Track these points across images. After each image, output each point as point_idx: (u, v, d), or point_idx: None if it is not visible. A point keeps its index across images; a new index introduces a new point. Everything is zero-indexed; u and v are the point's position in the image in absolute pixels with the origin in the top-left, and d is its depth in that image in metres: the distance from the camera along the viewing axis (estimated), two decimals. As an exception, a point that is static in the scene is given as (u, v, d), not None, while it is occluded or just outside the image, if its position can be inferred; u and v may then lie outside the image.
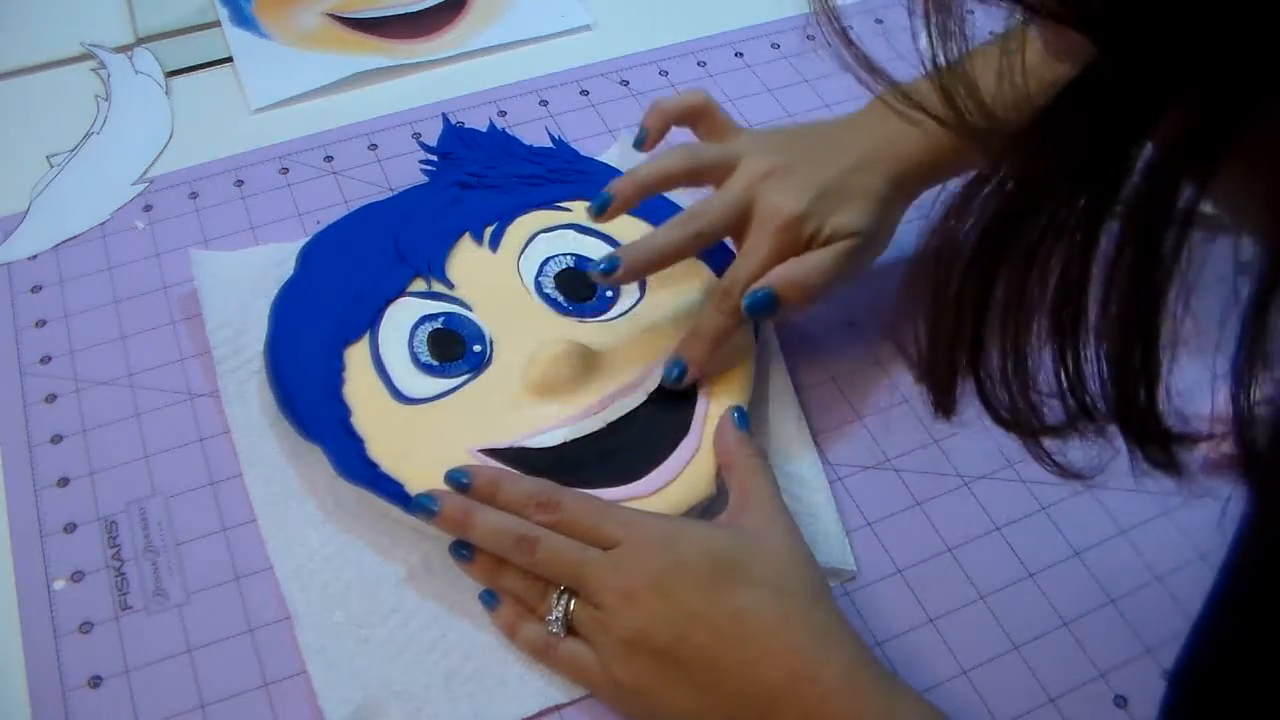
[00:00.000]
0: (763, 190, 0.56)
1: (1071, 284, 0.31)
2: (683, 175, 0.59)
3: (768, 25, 0.83)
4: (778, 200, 0.55)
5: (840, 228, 0.56)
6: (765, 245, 0.55)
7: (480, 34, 0.80)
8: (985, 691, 0.51)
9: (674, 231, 0.56)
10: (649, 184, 0.58)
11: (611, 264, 0.55)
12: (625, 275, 0.56)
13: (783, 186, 0.56)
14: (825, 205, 0.56)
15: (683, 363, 0.56)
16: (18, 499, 0.56)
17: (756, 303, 0.54)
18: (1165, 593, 0.55)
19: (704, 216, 0.56)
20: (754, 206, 0.56)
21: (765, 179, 0.56)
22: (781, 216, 0.55)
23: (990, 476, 0.59)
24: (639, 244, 0.57)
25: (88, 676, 0.50)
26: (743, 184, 0.56)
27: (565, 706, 0.50)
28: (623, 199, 0.57)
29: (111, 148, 0.72)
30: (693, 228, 0.56)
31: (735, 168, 0.57)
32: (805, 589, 0.48)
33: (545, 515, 0.51)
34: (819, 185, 0.56)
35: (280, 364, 0.58)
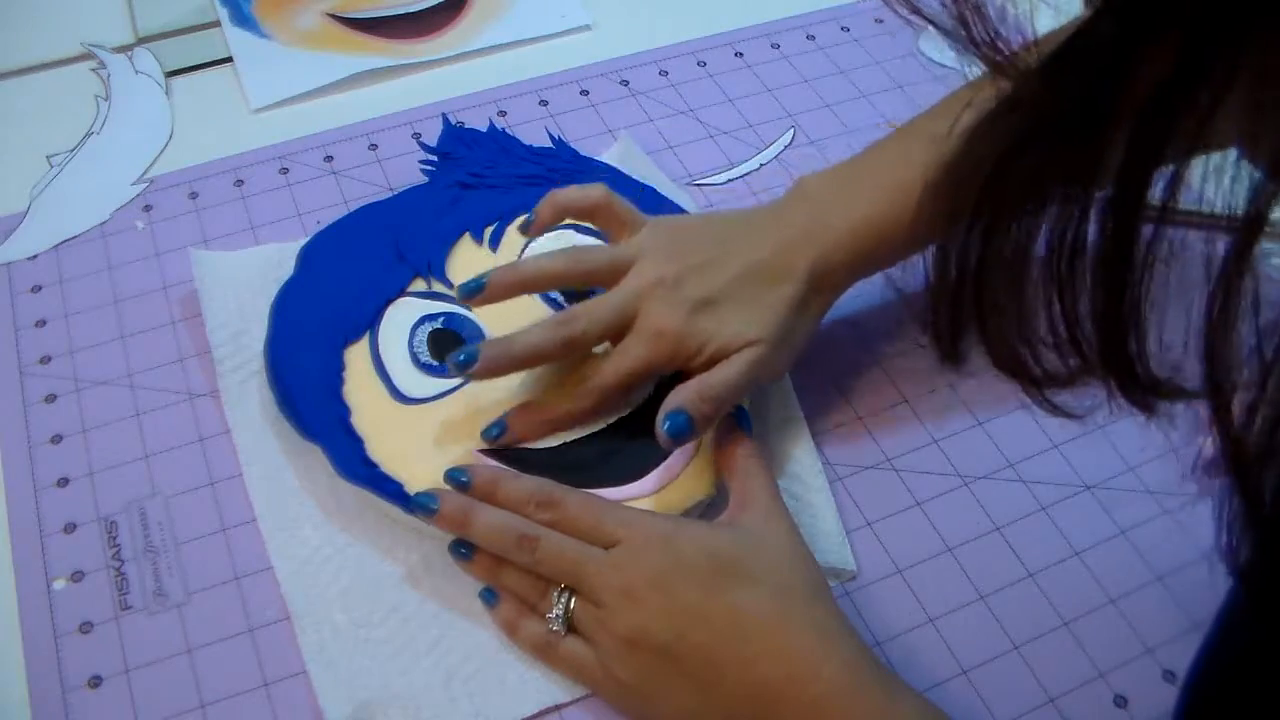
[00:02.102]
0: (647, 300, 0.53)
1: (1072, 227, 0.31)
2: (567, 278, 0.56)
3: (768, 25, 0.83)
4: (658, 313, 0.53)
5: (733, 338, 0.53)
6: (637, 353, 0.53)
7: (480, 34, 0.80)
8: (985, 691, 0.52)
9: (545, 333, 0.54)
10: (528, 283, 0.56)
11: (469, 357, 0.53)
12: (481, 372, 0.53)
13: (667, 299, 0.53)
14: (710, 321, 0.53)
15: (504, 426, 0.55)
16: (18, 499, 0.56)
17: (677, 427, 0.51)
18: (1165, 593, 0.55)
19: (580, 322, 0.54)
20: (636, 316, 0.54)
21: (652, 289, 0.54)
22: (656, 329, 0.53)
23: (990, 476, 0.59)
24: (503, 342, 0.54)
25: (88, 676, 0.50)
26: (626, 293, 0.54)
27: (565, 706, 0.50)
28: (496, 291, 0.55)
29: (111, 148, 0.72)
30: (565, 333, 0.54)
31: (626, 271, 0.55)
32: (805, 588, 0.48)
33: (545, 514, 0.51)
34: (706, 297, 0.54)
35: (280, 364, 0.58)
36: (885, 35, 0.82)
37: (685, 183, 0.71)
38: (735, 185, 0.72)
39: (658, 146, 0.73)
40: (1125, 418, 0.36)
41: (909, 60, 0.81)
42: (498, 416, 0.55)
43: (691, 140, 0.74)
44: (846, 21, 0.83)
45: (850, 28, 0.83)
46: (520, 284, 0.56)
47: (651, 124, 0.75)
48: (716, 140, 0.74)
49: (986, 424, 0.61)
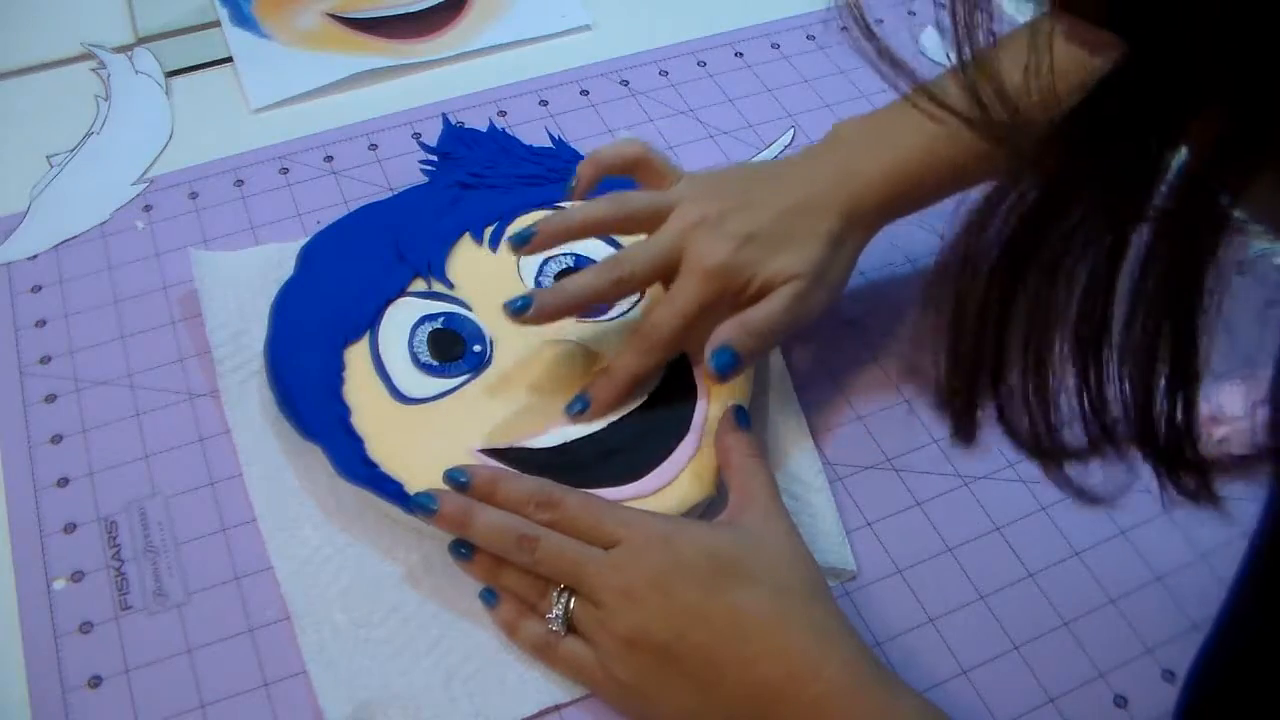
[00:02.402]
0: (692, 239, 0.55)
1: (1097, 295, 0.30)
2: (613, 223, 0.57)
3: (768, 25, 0.83)
4: (704, 249, 0.54)
5: (777, 273, 0.54)
6: (690, 291, 0.54)
7: (480, 34, 0.80)
8: (985, 691, 0.52)
9: (595, 277, 0.55)
10: (575, 230, 0.57)
11: (524, 303, 0.54)
12: (538, 317, 0.54)
13: (711, 235, 0.54)
14: (757, 252, 0.54)
15: (586, 400, 0.56)
16: (18, 499, 0.56)
17: (723, 364, 0.52)
18: (1165, 593, 0.55)
19: (628, 264, 0.55)
20: (683, 255, 0.55)
21: (695, 228, 0.55)
22: (707, 265, 0.54)
23: (990, 476, 0.59)
24: (559, 289, 0.55)
25: (88, 676, 0.50)
26: (672, 233, 0.55)
27: (565, 706, 0.50)
28: (545, 240, 0.56)
29: (111, 148, 0.72)
30: (615, 274, 0.55)
31: (667, 216, 0.56)
32: (805, 588, 0.48)
33: (545, 514, 0.51)
34: (750, 232, 0.54)
35: (280, 364, 0.58)
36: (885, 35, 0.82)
37: (685, 183, 0.71)
38: (735, 185, 0.71)
39: (658, 146, 0.73)
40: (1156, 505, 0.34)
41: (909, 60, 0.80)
42: (578, 393, 0.56)
43: (691, 140, 0.74)
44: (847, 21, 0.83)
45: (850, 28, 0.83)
46: (568, 231, 0.57)
47: (651, 124, 0.75)
48: (716, 140, 0.74)
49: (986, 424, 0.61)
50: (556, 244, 0.57)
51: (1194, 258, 0.28)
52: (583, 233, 0.57)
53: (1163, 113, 0.27)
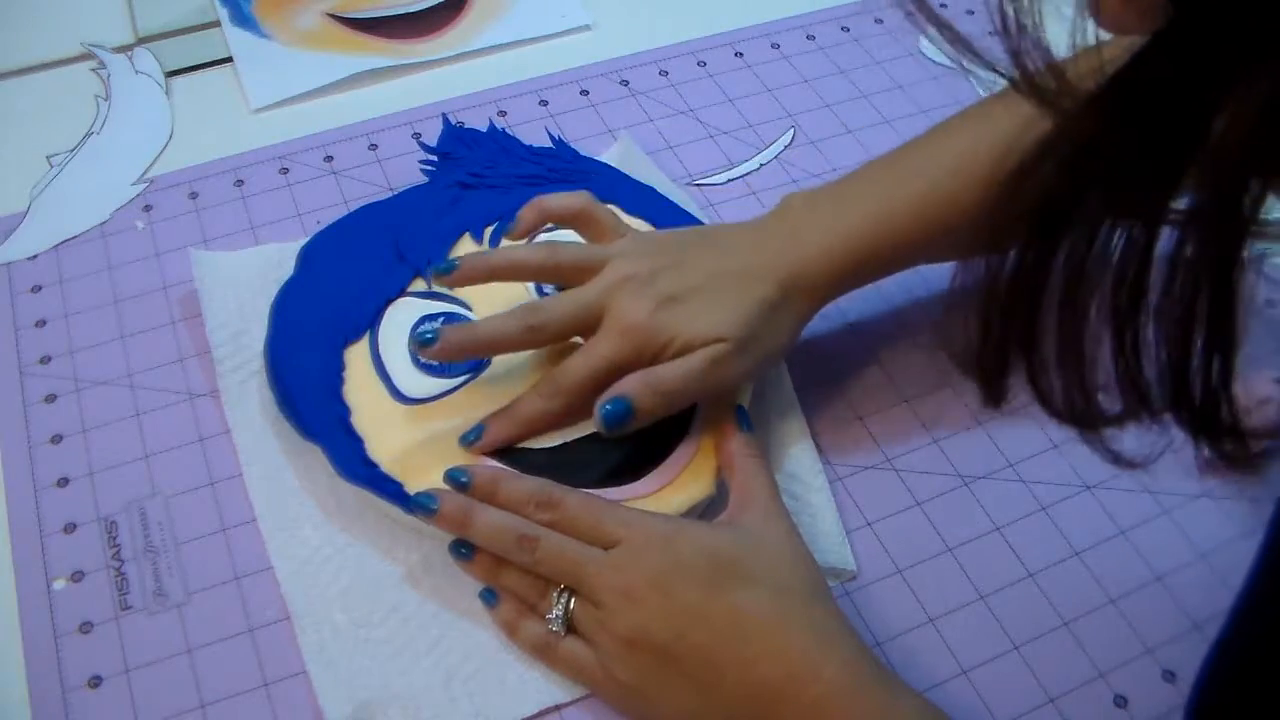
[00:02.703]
0: (615, 296, 0.53)
1: (1134, 260, 0.29)
2: (538, 271, 0.56)
3: (768, 25, 0.83)
4: (625, 306, 0.53)
5: (697, 335, 0.52)
6: (604, 346, 0.53)
7: (480, 34, 0.80)
8: (985, 691, 0.52)
9: (509, 321, 0.54)
10: (496, 271, 0.56)
11: (431, 337, 0.53)
12: (440, 354, 0.53)
13: (635, 293, 0.53)
14: (679, 314, 0.53)
15: (480, 430, 0.54)
16: (18, 499, 0.56)
17: (613, 413, 0.51)
18: (1165, 593, 0.55)
19: (545, 313, 0.54)
20: (604, 312, 0.53)
21: (622, 285, 0.53)
22: (624, 323, 0.52)
23: (990, 476, 0.59)
24: (467, 327, 0.54)
25: (88, 676, 0.50)
26: (597, 288, 0.54)
27: (565, 706, 0.50)
28: (466, 276, 0.55)
29: (111, 148, 0.72)
30: (529, 321, 0.54)
31: (598, 270, 0.55)
32: (805, 588, 0.48)
33: (545, 514, 0.51)
34: (676, 293, 0.53)
35: (280, 364, 0.58)
36: (885, 35, 0.82)
37: (685, 183, 0.71)
38: (735, 185, 0.72)
39: (658, 146, 0.73)
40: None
41: (909, 60, 0.81)
42: (475, 424, 0.55)
43: (691, 140, 0.74)
44: (846, 21, 0.83)
45: (850, 28, 0.83)
46: (491, 271, 0.56)
47: (651, 124, 0.75)
48: (716, 140, 0.74)
49: (986, 424, 0.61)
50: (478, 282, 0.56)
51: (1234, 222, 0.28)
52: (505, 275, 0.56)
53: (1207, 77, 0.27)
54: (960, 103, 0.77)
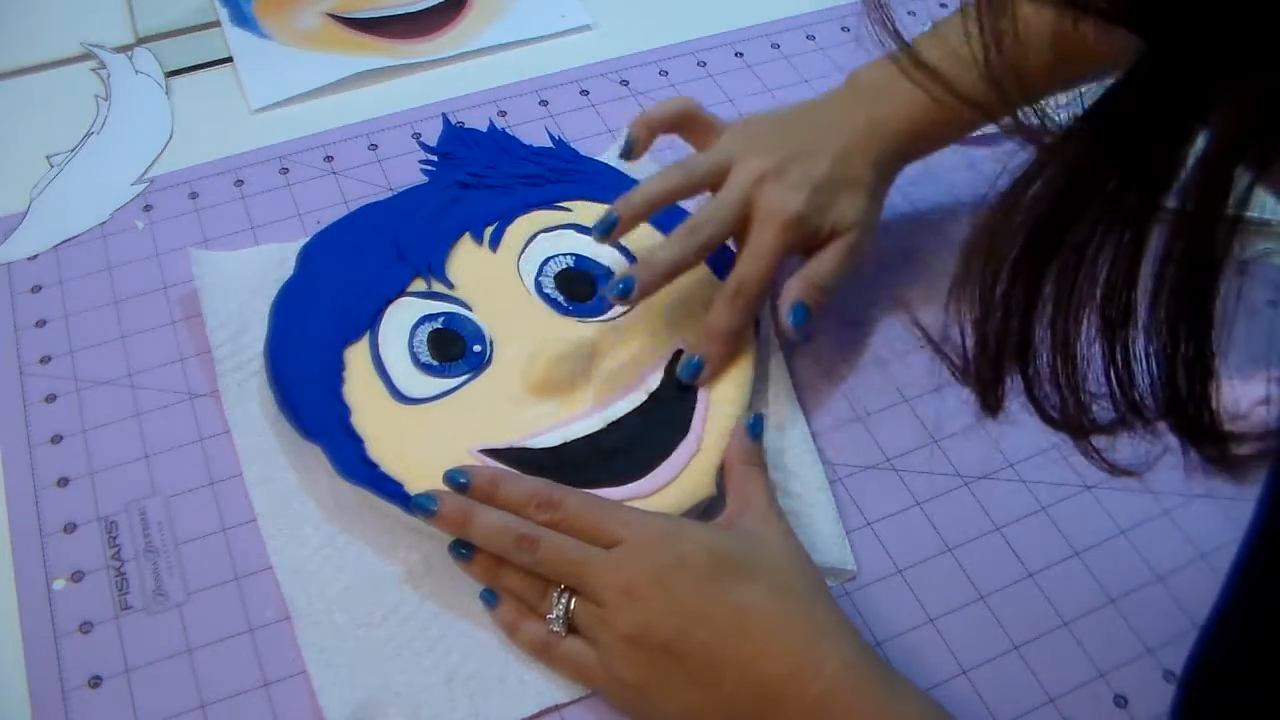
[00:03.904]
0: (760, 193, 0.57)
1: (1121, 280, 0.31)
2: (681, 191, 0.59)
3: (768, 25, 0.83)
4: (777, 201, 0.57)
5: (839, 221, 0.58)
6: (771, 243, 0.56)
7: (480, 34, 0.80)
8: (985, 691, 0.52)
9: (681, 244, 0.57)
10: (653, 203, 0.59)
11: (627, 285, 0.56)
12: (641, 294, 0.56)
13: (780, 187, 0.57)
14: (822, 200, 0.57)
15: (699, 360, 0.58)
16: (18, 499, 0.56)
17: (800, 319, 0.56)
18: (1165, 593, 0.55)
19: (707, 226, 0.57)
20: (754, 208, 0.57)
21: (760, 182, 0.57)
22: (783, 216, 0.56)
23: (990, 476, 0.59)
24: (648, 262, 0.57)
25: (88, 676, 0.50)
26: (739, 189, 0.57)
27: (565, 706, 0.50)
28: (628, 219, 0.58)
29: (111, 148, 0.72)
30: (699, 238, 0.57)
31: (729, 172, 0.58)
32: (806, 586, 0.49)
33: (545, 514, 0.51)
34: (813, 181, 0.57)
35: (280, 364, 0.58)
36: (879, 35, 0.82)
37: (685, 183, 0.71)
38: (735, 185, 0.71)
39: (658, 146, 0.73)
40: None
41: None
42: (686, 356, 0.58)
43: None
44: (846, 21, 0.83)
45: (850, 28, 0.83)
46: (647, 207, 0.58)
47: (651, 124, 0.75)
48: (716, 140, 0.74)
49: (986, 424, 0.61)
50: (640, 222, 0.59)
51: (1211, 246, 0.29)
52: (659, 206, 0.59)
53: (1182, 104, 0.28)
54: (960, 103, 0.77)
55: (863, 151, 0.59)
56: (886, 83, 0.60)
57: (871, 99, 0.61)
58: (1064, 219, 0.31)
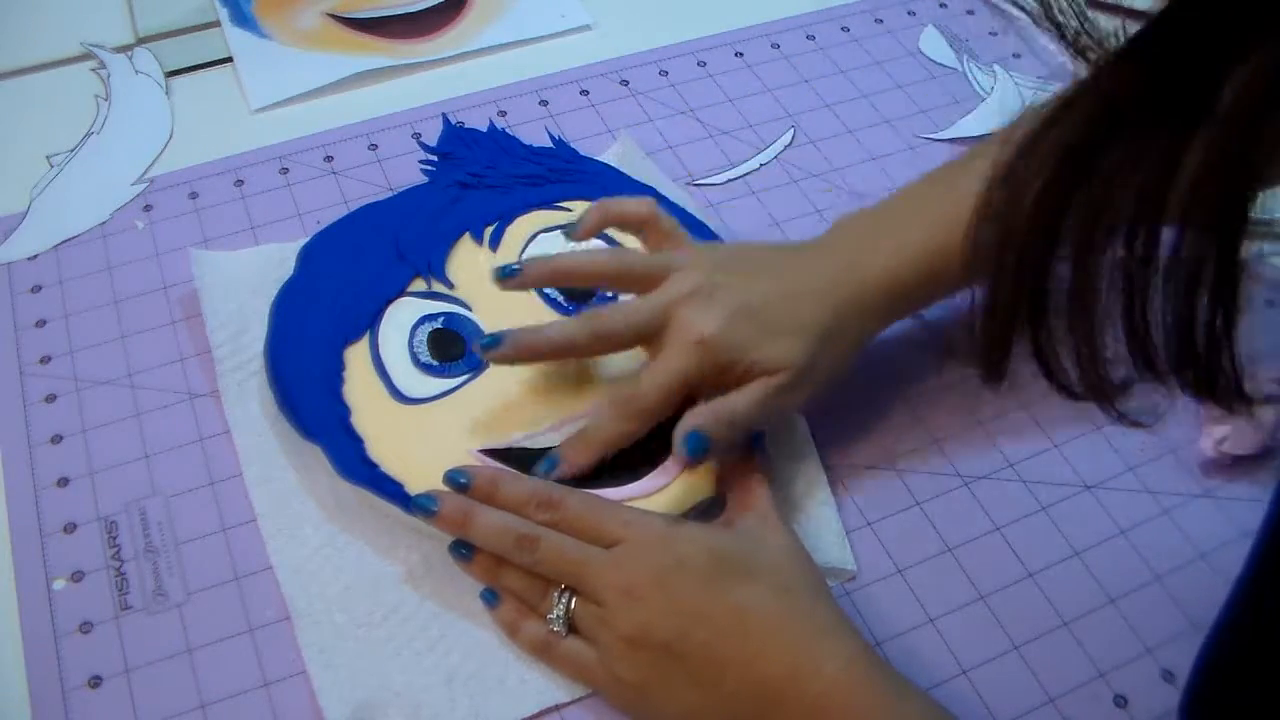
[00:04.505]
0: (683, 308, 0.53)
1: (1149, 211, 0.30)
2: (605, 278, 0.57)
3: (768, 25, 0.83)
4: (694, 319, 0.52)
5: (763, 360, 0.52)
6: (678, 361, 0.52)
7: (480, 34, 0.80)
8: (985, 691, 0.52)
9: (575, 327, 0.54)
10: (563, 274, 0.56)
11: (494, 341, 0.53)
12: (504, 356, 0.54)
13: (704, 307, 0.53)
14: (748, 334, 0.52)
15: (555, 460, 0.53)
16: (18, 499, 0.56)
17: (695, 449, 0.51)
18: (1165, 593, 0.55)
19: (611, 321, 0.54)
20: (670, 323, 0.53)
21: (688, 297, 0.53)
22: (694, 336, 0.52)
23: (990, 476, 0.59)
24: (534, 330, 0.54)
25: (88, 676, 0.50)
26: (662, 299, 0.53)
27: (566, 706, 0.50)
28: (530, 280, 0.56)
29: (111, 148, 0.72)
30: (595, 328, 0.54)
31: (662, 281, 0.54)
32: (806, 587, 0.49)
33: (545, 515, 0.51)
34: (744, 311, 0.53)
35: (280, 364, 0.58)
36: (885, 35, 0.82)
37: (685, 183, 0.71)
38: (735, 185, 0.72)
39: (658, 146, 0.73)
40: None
41: (909, 60, 0.81)
42: (551, 450, 0.54)
43: (691, 140, 0.74)
44: (846, 21, 0.83)
45: (850, 28, 0.83)
46: (556, 274, 0.56)
47: (651, 124, 0.75)
48: (716, 140, 0.74)
49: (986, 424, 0.61)
50: (541, 285, 0.56)
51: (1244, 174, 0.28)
52: (570, 280, 0.57)
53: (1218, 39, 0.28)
54: (960, 102, 0.78)
55: (822, 297, 0.54)
56: (872, 229, 0.57)
57: (854, 244, 0.56)
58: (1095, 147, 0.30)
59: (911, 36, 0.82)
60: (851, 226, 0.58)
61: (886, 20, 0.84)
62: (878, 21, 0.84)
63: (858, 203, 0.70)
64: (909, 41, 0.82)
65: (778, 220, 0.70)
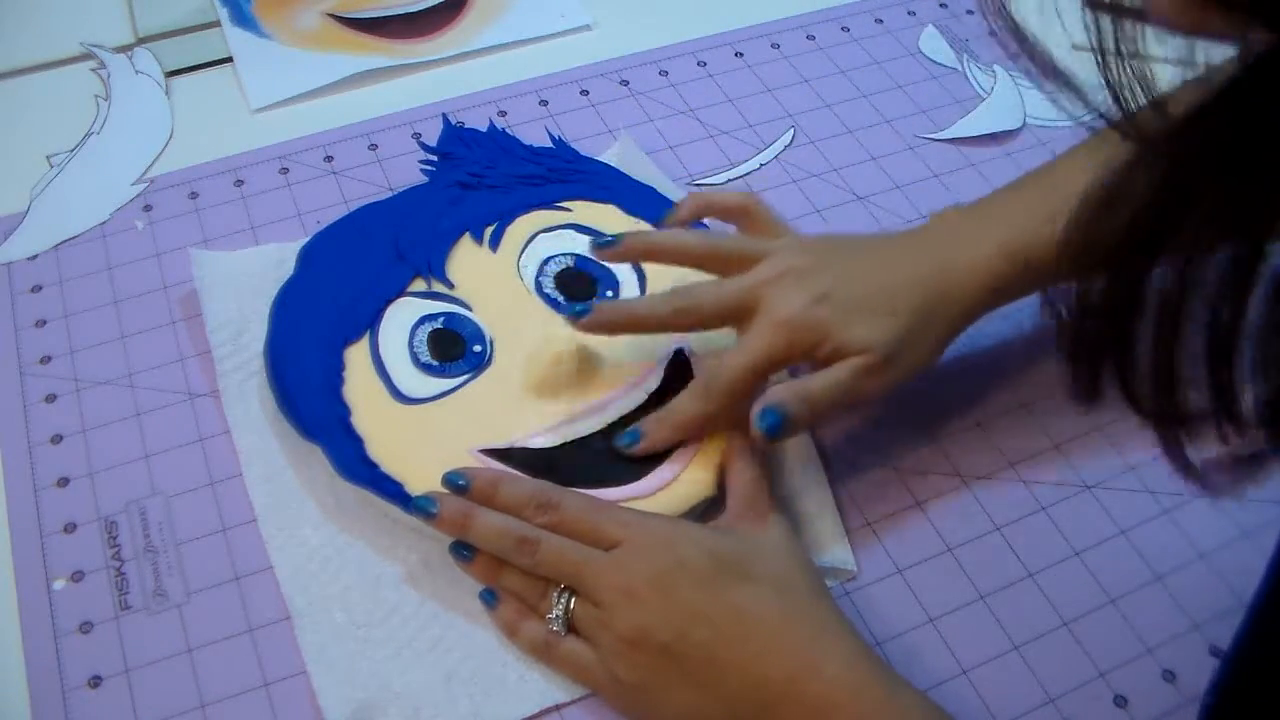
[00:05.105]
0: (770, 289, 0.53)
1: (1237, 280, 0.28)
2: (696, 259, 0.57)
3: (768, 25, 0.83)
4: (782, 300, 0.52)
5: (849, 342, 0.51)
6: (761, 341, 0.52)
7: (480, 34, 0.80)
8: (985, 691, 0.52)
9: (661, 303, 0.54)
10: (656, 251, 0.57)
11: (584, 310, 0.54)
12: (592, 325, 0.54)
13: (792, 288, 0.52)
14: (835, 315, 0.52)
15: (638, 434, 0.54)
16: (18, 499, 0.56)
17: (772, 426, 0.50)
18: (1165, 593, 0.55)
19: (695, 298, 0.54)
20: (758, 304, 0.53)
21: (778, 279, 0.53)
22: (778, 316, 0.52)
23: (990, 476, 0.59)
24: (620, 304, 0.55)
25: (88, 676, 0.50)
26: (752, 280, 0.53)
27: (565, 706, 0.50)
28: (625, 253, 0.57)
29: (111, 148, 0.72)
30: (680, 304, 0.54)
31: (755, 263, 0.54)
32: (806, 587, 0.49)
33: (545, 516, 0.51)
34: (832, 294, 0.52)
35: (280, 364, 0.58)
36: (885, 35, 0.82)
37: (685, 183, 0.71)
38: (735, 185, 0.72)
39: (658, 146, 0.73)
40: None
41: (909, 60, 0.81)
42: (632, 426, 0.55)
43: (691, 140, 0.74)
44: (846, 21, 0.83)
45: (850, 28, 0.83)
46: (649, 251, 0.57)
47: (651, 124, 0.75)
48: (716, 140, 0.74)
49: (986, 424, 0.61)
50: (635, 260, 0.57)
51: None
52: (665, 257, 0.57)
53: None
54: (960, 102, 0.78)
55: (915, 284, 0.53)
56: (971, 221, 0.56)
57: (951, 237, 0.56)
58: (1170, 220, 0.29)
59: (911, 36, 0.82)
60: (948, 218, 0.58)
61: (886, 20, 0.84)
62: (878, 21, 0.84)
63: (858, 202, 0.71)
64: (909, 41, 0.82)
65: (778, 220, 0.70)
